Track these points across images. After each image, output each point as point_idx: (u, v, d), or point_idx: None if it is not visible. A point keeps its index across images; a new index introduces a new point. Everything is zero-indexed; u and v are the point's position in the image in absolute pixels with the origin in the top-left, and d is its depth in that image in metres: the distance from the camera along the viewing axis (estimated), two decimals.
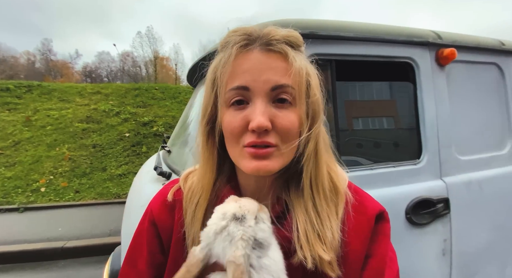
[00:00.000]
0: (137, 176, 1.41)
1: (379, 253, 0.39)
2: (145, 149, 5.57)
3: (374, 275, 0.38)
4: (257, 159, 0.36)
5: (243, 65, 0.36)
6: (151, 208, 0.45)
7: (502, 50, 1.17)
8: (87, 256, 2.72)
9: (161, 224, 0.43)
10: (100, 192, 4.34)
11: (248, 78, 0.35)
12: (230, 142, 0.38)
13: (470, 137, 1.07)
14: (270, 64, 0.36)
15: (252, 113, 0.35)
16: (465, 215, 0.98)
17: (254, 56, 0.36)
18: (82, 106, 6.84)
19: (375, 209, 0.41)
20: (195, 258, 0.31)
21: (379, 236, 0.40)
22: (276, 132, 0.36)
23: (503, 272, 1.09)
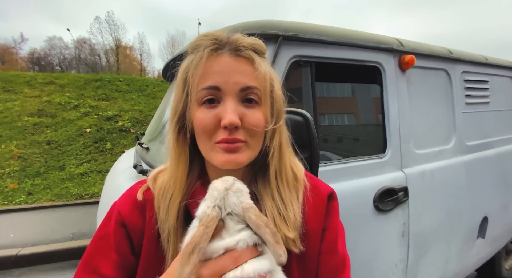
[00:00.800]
0: (110, 175, 1.34)
1: (332, 226, 0.47)
2: (110, 146, 5.20)
3: (330, 244, 0.46)
4: (228, 153, 0.39)
5: (214, 67, 0.39)
6: (119, 210, 0.45)
7: (450, 58, 1.35)
8: (47, 263, 2.50)
9: (132, 225, 0.44)
10: (58, 193, 3.96)
11: (219, 79, 0.39)
12: (202, 138, 0.41)
13: (424, 133, 1.23)
14: (239, 67, 0.40)
15: (223, 111, 0.38)
16: (420, 201, 1.13)
17: (224, 59, 0.40)
18: (32, 98, 6.09)
19: (327, 190, 0.49)
20: (209, 216, 0.33)
21: (332, 212, 0.47)
22: (245, 129, 0.40)
23: (448, 249, 1.29)
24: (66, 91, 6.52)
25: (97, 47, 28.68)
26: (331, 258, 0.45)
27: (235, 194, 0.36)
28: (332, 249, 0.45)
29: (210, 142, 0.40)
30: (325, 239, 0.45)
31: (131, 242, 0.44)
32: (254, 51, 0.42)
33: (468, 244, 1.42)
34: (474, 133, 1.47)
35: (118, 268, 0.43)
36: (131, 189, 0.48)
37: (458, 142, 1.36)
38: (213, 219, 0.33)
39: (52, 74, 7.35)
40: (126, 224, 0.44)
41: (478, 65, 1.53)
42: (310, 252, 0.43)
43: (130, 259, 0.44)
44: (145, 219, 0.44)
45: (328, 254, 0.45)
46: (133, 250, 0.44)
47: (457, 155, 1.35)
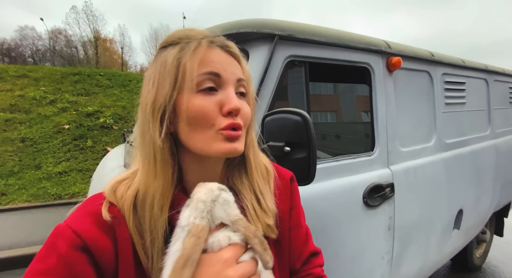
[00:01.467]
0: (98, 174, 1.29)
1: (295, 204, 0.53)
2: (91, 143, 4.98)
3: (295, 219, 0.52)
4: (231, 141, 0.39)
5: (210, 56, 0.39)
6: (75, 230, 0.35)
7: (432, 60, 1.43)
8: (24, 267, 2.37)
9: (98, 248, 0.35)
10: (35, 193, 3.75)
11: (219, 67, 0.39)
12: (200, 126, 0.38)
13: (408, 132, 1.30)
14: (231, 61, 0.42)
15: (226, 98, 0.39)
16: (404, 196, 1.19)
17: (219, 52, 0.41)
18: (3, 92, 5.68)
19: (288, 174, 0.54)
20: (200, 226, 0.32)
21: (294, 192, 0.54)
22: (241, 118, 0.41)
23: (428, 240, 1.38)
24: (41, 85, 6.14)
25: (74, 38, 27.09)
26: (298, 232, 0.52)
27: (222, 207, 0.35)
28: (298, 223, 0.52)
29: (211, 131, 0.38)
30: (292, 217, 0.51)
31: (98, 270, 0.35)
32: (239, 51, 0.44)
33: (445, 235, 1.52)
34: (452, 131, 1.57)
35: None
36: (85, 206, 0.39)
37: (438, 140, 1.45)
38: (203, 229, 0.32)
39: (25, 67, 6.89)
40: (89, 248, 0.35)
41: (457, 67, 1.62)
42: (283, 232, 0.48)
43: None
44: (115, 240, 0.37)
45: (295, 229, 0.51)
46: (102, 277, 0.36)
47: (437, 152, 1.43)
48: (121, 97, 6.44)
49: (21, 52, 29.58)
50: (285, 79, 0.89)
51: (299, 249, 0.51)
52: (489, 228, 2.37)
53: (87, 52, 27.07)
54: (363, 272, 1.08)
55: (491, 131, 1.95)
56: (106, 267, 0.36)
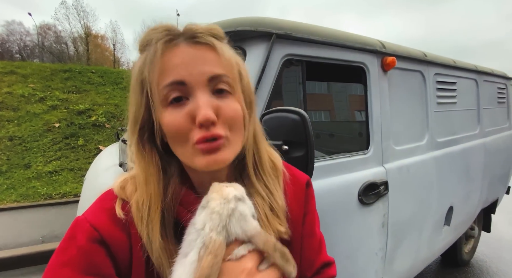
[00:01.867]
0: (91, 173, 1.27)
1: (310, 210, 0.50)
2: (82, 142, 4.88)
3: (309, 227, 0.49)
4: (210, 153, 0.35)
5: (173, 60, 0.35)
6: (92, 225, 0.36)
7: (425, 60, 1.45)
8: (14, 269, 2.32)
9: (115, 242, 0.36)
10: (24, 193, 3.66)
11: (182, 72, 0.34)
12: (177, 142, 0.37)
13: (402, 131, 1.32)
14: (201, 56, 0.35)
15: (195, 107, 0.34)
16: (398, 194, 1.22)
17: (182, 50, 0.35)
18: None
19: (304, 178, 0.51)
20: (217, 242, 0.31)
21: (309, 198, 0.50)
22: (223, 123, 0.36)
23: (420, 236, 1.41)
24: (29, 82, 5.97)
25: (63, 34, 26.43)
26: (312, 241, 0.49)
27: (239, 223, 0.33)
28: (312, 231, 0.49)
29: (188, 145, 0.36)
30: (305, 223, 0.48)
31: (115, 262, 0.36)
32: (212, 36, 0.37)
33: (436, 232, 1.56)
34: (443, 130, 1.61)
35: None
36: (100, 201, 0.41)
37: (430, 138, 1.48)
38: (220, 246, 0.31)
39: (13, 63, 6.68)
40: (106, 241, 0.36)
41: (448, 67, 1.66)
42: (294, 237, 0.45)
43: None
44: (130, 236, 0.37)
45: (309, 237, 0.48)
46: (118, 271, 0.36)
47: (429, 150, 1.46)
48: (113, 95, 6.32)
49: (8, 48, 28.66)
50: (282, 78, 0.89)
51: (311, 258, 0.48)
52: (477, 224, 2.45)
53: (78, 48, 26.45)
54: (358, 269, 1.10)
55: (480, 130, 2.00)
56: (121, 260, 0.37)
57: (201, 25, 0.37)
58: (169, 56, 0.35)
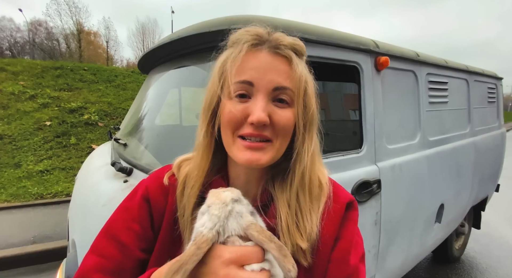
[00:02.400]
0: (83, 173, 1.25)
1: (347, 236, 0.44)
2: (74, 141, 4.79)
3: (341, 255, 0.43)
4: (250, 150, 0.39)
5: (251, 62, 0.39)
6: (147, 186, 0.47)
7: (417, 60, 1.47)
8: (5, 269, 2.27)
9: (155, 204, 0.46)
10: (15, 193, 3.58)
11: (255, 75, 0.39)
12: (226, 130, 0.41)
13: (395, 130, 1.34)
14: (276, 66, 0.40)
15: (253, 107, 0.39)
16: (390, 192, 1.24)
17: (262, 55, 0.40)
18: None
19: (346, 198, 0.46)
20: (204, 237, 0.33)
21: (348, 222, 0.45)
22: (272, 128, 0.40)
23: (412, 234, 1.44)
24: (20, 79, 5.83)
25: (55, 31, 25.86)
26: (341, 268, 0.42)
27: (235, 219, 0.35)
28: (343, 259, 0.42)
29: (233, 135, 0.41)
30: (336, 248, 0.43)
31: (152, 218, 0.46)
32: (293, 51, 0.41)
33: (427, 229, 1.59)
34: (435, 129, 1.63)
35: (138, 238, 0.44)
36: (159, 171, 0.51)
37: (422, 137, 1.50)
38: (206, 241, 0.33)
39: (3, 60, 6.51)
40: (150, 201, 0.46)
41: (440, 67, 1.69)
42: (319, 261, 0.41)
43: (150, 233, 0.45)
44: (167, 203, 0.46)
45: (338, 263, 0.42)
46: (153, 227, 0.45)
47: (421, 149, 1.49)
48: (106, 93, 6.22)
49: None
50: None
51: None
52: (467, 221, 2.50)
53: (70, 45, 25.93)
54: None
55: (471, 129, 2.04)
56: (157, 218, 0.46)
57: (288, 38, 0.42)
58: (249, 58, 0.40)
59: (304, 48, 0.44)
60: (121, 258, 0.43)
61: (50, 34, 26.53)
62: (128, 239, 0.43)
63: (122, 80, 6.93)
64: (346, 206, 0.46)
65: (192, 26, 0.98)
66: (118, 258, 0.43)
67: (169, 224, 0.45)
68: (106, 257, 0.42)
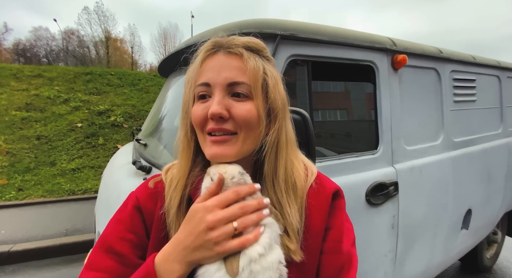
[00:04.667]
0: (108, 171, 1.34)
1: (336, 225, 0.45)
2: (102, 141, 5.12)
3: (333, 244, 0.44)
4: (216, 145, 0.42)
5: (208, 65, 0.43)
6: (137, 196, 0.50)
7: (440, 57, 1.40)
8: (40, 259, 2.49)
9: (146, 210, 0.48)
10: (50, 189, 3.90)
11: (210, 75, 0.42)
12: (197, 130, 0.45)
13: (414, 130, 1.29)
14: (229, 64, 0.42)
15: (211, 103, 0.42)
16: (409, 195, 1.19)
17: (218, 57, 0.43)
18: (20, 91, 5.91)
19: (332, 188, 0.47)
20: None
21: (336, 211, 0.46)
22: (234, 121, 0.41)
23: (434, 239, 1.37)
24: (55, 85, 6.35)
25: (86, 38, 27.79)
26: (335, 258, 0.43)
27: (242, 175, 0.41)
28: (336, 249, 0.44)
29: (202, 134, 0.44)
30: (328, 239, 0.44)
31: (145, 225, 0.48)
32: (246, 48, 0.43)
33: (452, 235, 1.50)
34: (461, 130, 1.54)
35: (135, 247, 0.46)
36: (147, 181, 0.53)
37: (446, 138, 1.43)
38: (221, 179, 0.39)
39: (40, 67, 7.12)
40: (142, 209, 0.48)
41: (467, 64, 1.59)
42: (311, 252, 0.43)
43: (145, 240, 0.47)
44: (156, 207, 0.48)
45: (331, 254, 0.44)
46: (147, 233, 0.48)
47: (444, 151, 1.41)
48: (131, 96, 6.57)
49: (36, 52, 30.55)
50: (287, 78, 0.90)
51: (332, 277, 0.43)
52: (500, 229, 2.31)
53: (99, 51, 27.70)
54: (366, 270, 1.08)
55: (503, 129, 1.89)
56: (149, 224, 0.48)
57: (241, 39, 0.44)
58: (207, 62, 0.44)
59: (259, 45, 0.45)
60: (121, 269, 0.43)
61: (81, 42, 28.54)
62: (124, 249, 0.45)
63: (145, 84, 7.27)
64: (332, 196, 0.46)
65: (206, 32, 1.02)
66: (118, 269, 0.43)
67: (158, 226, 0.47)
68: (105, 271, 0.43)
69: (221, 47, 0.44)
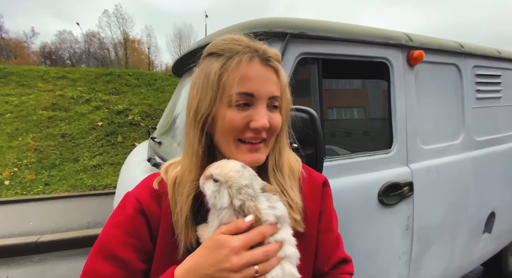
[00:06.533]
0: (125, 167, 1.41)
1: (327, 208, 0.54)
2: (121, 139, 5.34)
3: (327, 223, 0.53)
4: (252, 152, 0.45)
5: (250, 73, 0.43)
6: (137, 198, 0.47)
7: (461, 52, 1.33)
8: (64, 250, 2.65)
9: (151, 213, 0.46)
10: (73, 184, 4.13)
11: (255, 87, 0.43)
12: (228, 136, 0.45)
13: (431, 129, 1.24)
14: (269, 76, 0.45)
15: (255, 114, 0.43)
16: (425, 196, 1.15)
17: (257, 67, 0.44)
18: (46, 92, 6.28)
19: (321, 178, 0.56)
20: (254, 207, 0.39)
21: (326, 197, 0.55)
22: (269, 130, 0.45)
23: (453, 243, 1.31)
24: (78, 86, 6.68)
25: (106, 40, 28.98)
26: (329, 236, 0.53)
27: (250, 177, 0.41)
28: (328, 228, 0.53)
29: (235, 141, 0.45)
30: (322, 220, 0.53)
31: (150, 229, 0.46)
32: (278, 62, 0.47)
33: (473, 239, 1.43)
34: (484, 128, 1.46)
35: (138, 251, 0.44)
36: (146, 181, 0.51)
37: (466, 137, 1.36)
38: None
39: (64, 69, 7.51)
40: (145, 212, 0.46)
41: (491, 59, 1.50)
42: (310, 232, 0.50)
43: (149, 244, 0.46)
44: (161, 209, 0.47)
45: (325, 232, 0.53)
46: (151, 237, 0.46)
47: (465, 150, 1.34)
48: (147, 96, 6.78)
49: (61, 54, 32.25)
50: (297, 76, 0.90)
51: (328, 253, 0.52)
52: None
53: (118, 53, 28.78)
54: (378, 271, 1.06)
55: None
56: (154, 227, 0.47)
57: (271, 50, 0.46)
58: (247, 69, 0.43)
59: (280, 56, 0.49)
60: (123, 274, 0.43)
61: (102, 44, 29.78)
62: (127, 254, 0.43)
63: (161, 83, 7.48)
64: (322, 185, 0.55)
65: (217, 32, 1.03)
66: (120, 275, 0.43)
67: (165, 230, 0.45)
68: None
69: (255, 53, 0.44)
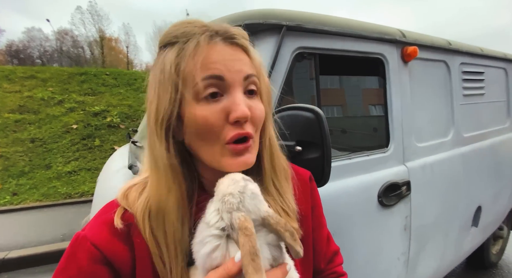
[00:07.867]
0: (103, 175, 1.27)
1: (317, 203, 0.52)
2: (99, 142, 5.02)
3: (318, 218, 0.51)
4: (240, 155, 0.36)
5: (213, 56, 0.35)
6: (93, 243, 0.35)
7: (449, 49, 1.34)
8: (37, 266, 2.41)
9: (118, 258, 0.35)
10: (46, 192, 3.81)
11: (222, 68, 0.34)
12: (206, 140, 0.35)
13: (425, 126, 1.23)
14: (237, 55, 0.36)
15: (232, 103, 0.34)
16: (421, 194, 1.13)
17: (220, 47, 0.35)
18: (12, 93, 5.77)
19: (307, 174, 0.52)
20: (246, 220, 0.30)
21: (314, 191, 0.52)
22: (251, 123, 0.36)
23: (445, 239, 1.32)
24: (49, 86, 6.21)
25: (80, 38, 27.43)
26: (321, 232, 0.51)
27: (253, 201, 0.32)
28: (320, 223, 0.51)
29: (218, 144, 0.35)
30: (314, 216, 0.50)
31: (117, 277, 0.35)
32: (245, 40, 0.39)
33: (463, 234, 1.45)
34: (470, 124, 1.49)
35: None
36: (101, 215, 0.39)
37: (456, 134, 1.37)
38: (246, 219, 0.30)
39: (33, 68, 6.96)
40: (109, 259, 0.34)
41: (475, 56, 1.53)
42: (306, 231, 0.46)
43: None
44: (133, 247, 0.36)
45: (318, 229, 0.51)
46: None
47: (455, 147, 1.36)
48: (127, 96, 6.45)
49: (29, 53, 30.09)
50: (294, 72, 0.84)
51: (323, 249, 0.51)
52: (506, 224, 2.28)
53: (93, 52, 27.36)
54: (378, 274, 1.03)
55: (511, 123, 1.85)
56: (125, 274, 0.36)
57: (235, 28, 0.38)
58: (208, 52, 0.34)
59: (247, 37, 0.41)
60: None
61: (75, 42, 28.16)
62: None
63: (141, 83, 7.10)
64: (309, 180, 0.51)
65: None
66: None
67: (145, 269, 0.36)
68: None
69: (217, 34, 0.36)
